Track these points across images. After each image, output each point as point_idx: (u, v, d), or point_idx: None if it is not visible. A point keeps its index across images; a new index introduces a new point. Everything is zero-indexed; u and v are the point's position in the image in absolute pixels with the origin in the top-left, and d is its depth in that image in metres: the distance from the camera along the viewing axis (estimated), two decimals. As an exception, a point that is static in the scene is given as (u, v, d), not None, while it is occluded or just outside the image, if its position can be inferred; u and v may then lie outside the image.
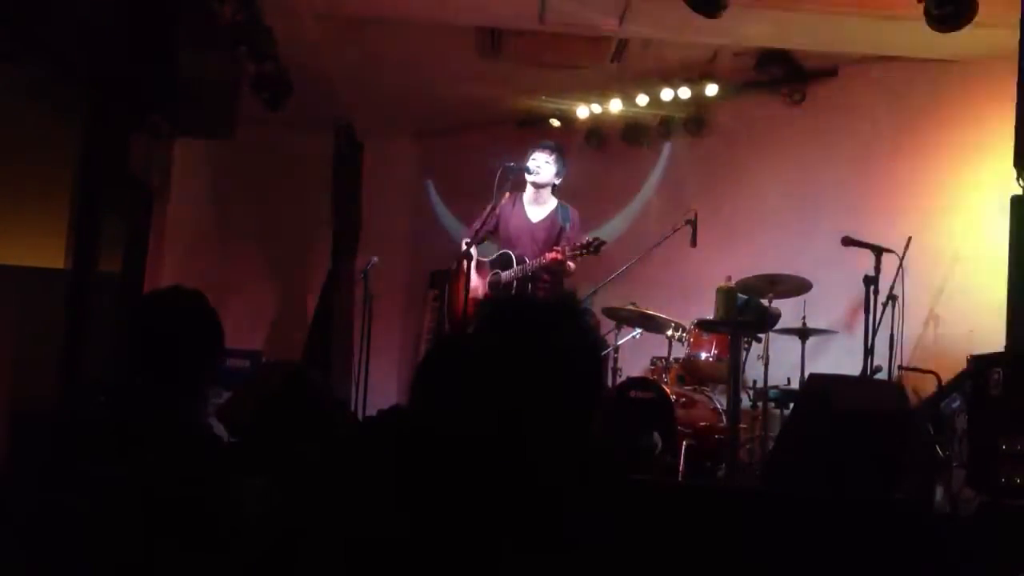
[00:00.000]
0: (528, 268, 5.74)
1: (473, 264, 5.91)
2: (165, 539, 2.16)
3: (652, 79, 7.70)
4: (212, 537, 2.15)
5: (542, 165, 5.84)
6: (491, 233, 6.04)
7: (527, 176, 5.86)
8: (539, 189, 5.91)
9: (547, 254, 5.64)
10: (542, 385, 1.67)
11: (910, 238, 5.74)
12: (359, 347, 7.22)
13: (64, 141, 4.99)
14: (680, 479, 5.36)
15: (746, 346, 5.92)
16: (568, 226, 5.82)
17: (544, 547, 1.60)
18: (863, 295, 5.62)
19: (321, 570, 1.61)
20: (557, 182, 5.93)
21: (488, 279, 5.95)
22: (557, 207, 5.92)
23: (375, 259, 7.15)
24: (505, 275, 5.81)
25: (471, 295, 5.76)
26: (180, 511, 2.19)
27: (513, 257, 5.84)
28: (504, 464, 1.64)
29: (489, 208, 5.88)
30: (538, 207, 5.93)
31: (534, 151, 5.91)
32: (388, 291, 8.22)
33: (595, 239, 5.63)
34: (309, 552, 1.63)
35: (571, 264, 5.70)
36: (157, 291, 2.59)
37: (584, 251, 5.59)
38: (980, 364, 4.70)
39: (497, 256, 5.96)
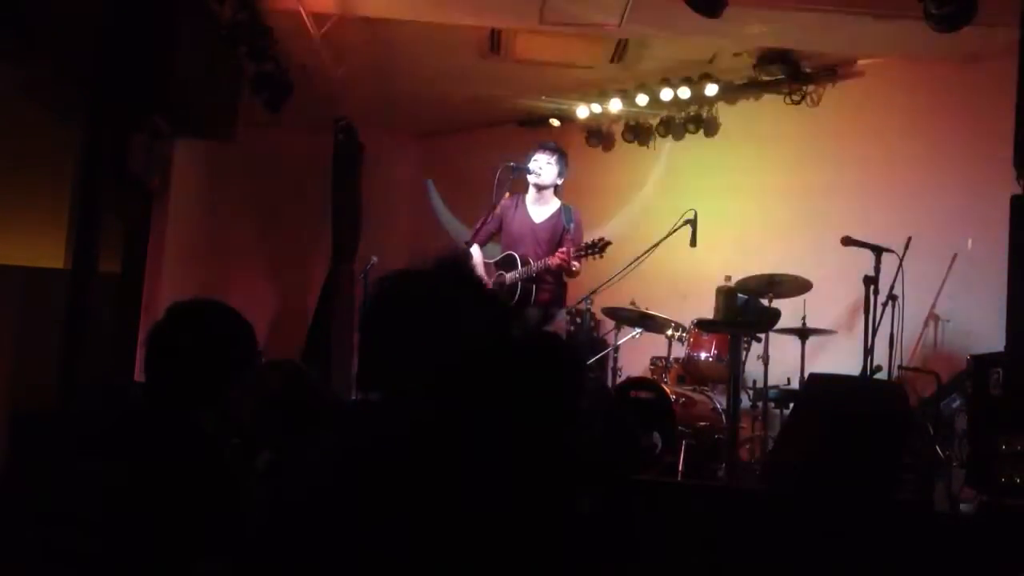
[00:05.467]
0: (532, 270, 5.72)
1: (479, 265, 5.91)
2: (165, 538, 2.16)
3: (652, 79, 7.71)
4: (212, 536, 2.15)
5: (543, 166, 5.81)
6: (494, 235, 6.01)
7: (528, 177, 5.84)
8: (541, 190, 5.88)
9: (553, 257, 5.61)
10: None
11: (910, 238, 5.74)
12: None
13: (64, 141, 4.99)
14: (680, 479, 5.36)
15: (746, 346, 5.92)
16: (572, 227, 5.78)
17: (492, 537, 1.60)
18: (863, 295, 5.61)
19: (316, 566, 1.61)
20: (559, 183, 5.90)
21: (493, 280, 5.94)
22: (560, 208, 5.89)
23: (375, 259, 7.15)
24: (509, 276, 5.79)
25: None
26: (181, 512, 2.19)
27: (517, 258, 5.82)
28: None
29: (490, 211, 5.87)
30: (541, 208, 5.90)
31: (536, 152, 5.89)
32: (388, 291, 8.20)
33: (600, 239, 5.60)
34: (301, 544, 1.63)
35: (576, 264, 5.67)
36: (189, 304, 2.51)
37: (589, 251, 5.57)
38: (980, 364, 4.71)
39: (501, 257, 5.94)
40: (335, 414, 1.97)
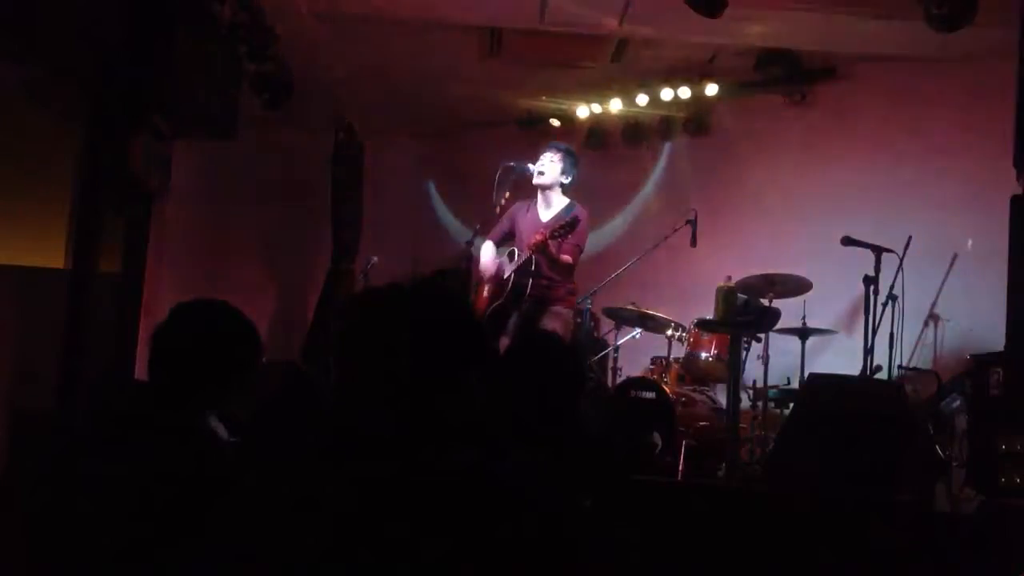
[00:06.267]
0: (520, 259, 5.68)
1: (489, 261, 5.89)
2: (163, 539, 2.16)
3: (652, 79, 7.71)
4: (210, 536, 2.15)
5: (546, 165, 5.78)
6: (508, 237, 6.00)
7: (533, 179, 5.82)
8: (546, 191, 5.85)
9: (531, 238, 5.58)
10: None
11: (910, 238, 5.74)
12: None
13: (64, 141, 4.99)
14: (680, 479, 5.36)
15: (746, 346, 5.92)
16: (568, 217, 5.75)
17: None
18: (863, 295, 5.62)
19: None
20: (565, 181, 5.84)
21: (495, 274, 5.94)
22: (566, 206, 5.86)
23: (375, 259, 7.15)
24: (507, 270, 5.80)
25: (488, 292, 5.78)
26: (182, 511, 2.19)
27: (516, 251, 5.83)
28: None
29: (506, 217, 5.87)
30: (548, 209, 5.88)
31: (543, 151, 5.87)
32: (388, 291, 8.20)
33: (571, 216, 5.58)
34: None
35: (565, 257, 5.58)
36: (193, 304, 2.52)
37: (561, 230, 5.52)
38: (980, 364, 4.71)
39: (507, 253, 5.95)
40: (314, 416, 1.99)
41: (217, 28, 5.70)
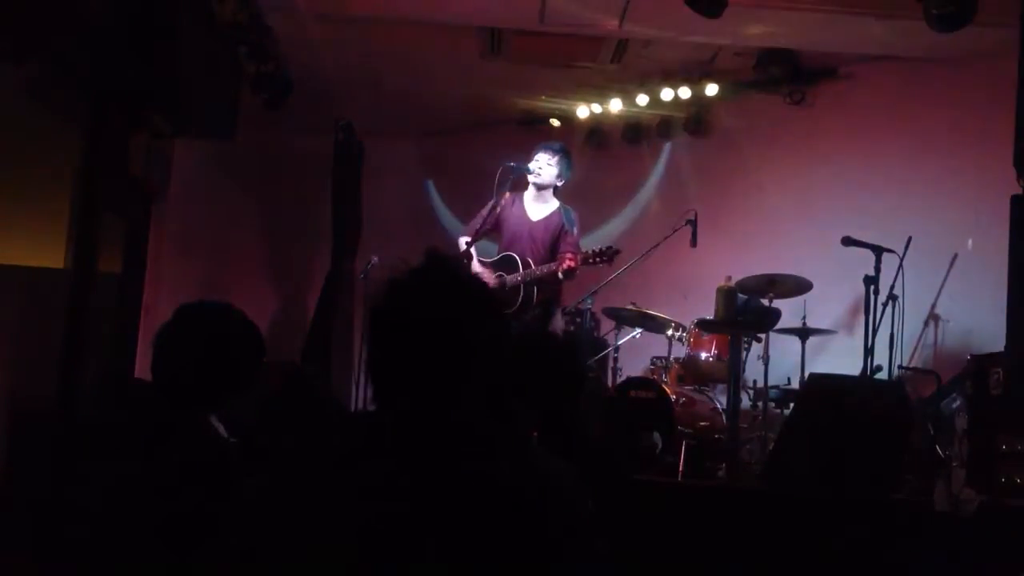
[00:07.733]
0: (533, 273, 5.69)
1: (475, 265, 5.89)
2: (165, 539, 2.16)
3: (652, 79, 7.71)
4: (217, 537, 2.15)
5: (543, 166, 5.80)
6: (491, 231, 6.00)
7: (528, 176, 5.84)
8: (540, 189, 5.88)
9: (562, 262, 5.58)
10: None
11: (910, 238, 5.74)
12: (359, 347, 7.22)
13: (64, 141, 4.98)
14: (680, 479, 5.36)
15: (746, 346, 5.92)
16: (573, 229, 5.79)
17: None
18: (863, 295, 5.62)
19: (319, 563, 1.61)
20: (559, 184, 5.88)
21: (493, 284, 5.91)
22: (559, 208, 5.88)
23: (375, 259, 7.14)
24: (510, 279, 5.77)
25: None
26: (182, 512, 2.19)
27: (516, 258, 5.80)
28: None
29: (489, 207, 5.87)
30: (539, 206, 5.89)
31: (538, 151, 5.88)
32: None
33: (610, 247, 5.61)
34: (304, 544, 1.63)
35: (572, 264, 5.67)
36: (197, 305, 2.53)
37: (598, 259, 5.58)
38: (980, 364, 4.71)
39: (500, 258, 5.91)
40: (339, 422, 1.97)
41: (217, 28, 5.70)
